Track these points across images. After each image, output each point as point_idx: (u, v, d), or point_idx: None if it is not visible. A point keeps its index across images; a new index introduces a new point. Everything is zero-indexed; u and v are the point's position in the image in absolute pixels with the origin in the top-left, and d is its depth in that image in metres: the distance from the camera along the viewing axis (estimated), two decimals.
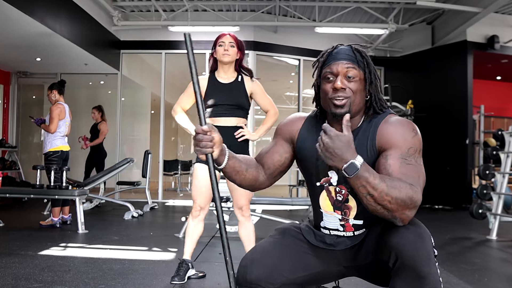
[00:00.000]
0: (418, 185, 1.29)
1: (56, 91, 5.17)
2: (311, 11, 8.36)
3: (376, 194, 1.24)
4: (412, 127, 1.40)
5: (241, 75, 2.86)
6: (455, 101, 8.15)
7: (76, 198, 4.70)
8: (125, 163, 6.39)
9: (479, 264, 3.56)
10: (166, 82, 8.79)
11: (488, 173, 5.22)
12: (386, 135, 1.40)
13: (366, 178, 1.24)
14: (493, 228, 4.78)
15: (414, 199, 1.25)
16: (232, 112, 2.77)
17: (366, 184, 1.24)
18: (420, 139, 1.40)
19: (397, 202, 1.23)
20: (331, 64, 1.44)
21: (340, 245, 1.51)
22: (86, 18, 7.08)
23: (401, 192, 1.23)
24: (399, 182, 1.26)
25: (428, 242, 1.29)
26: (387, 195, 1.23)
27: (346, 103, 1.41)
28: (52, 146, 5.03)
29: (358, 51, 1.46)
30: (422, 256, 1.25)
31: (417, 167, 1.34)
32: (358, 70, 1.43)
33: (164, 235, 4.66)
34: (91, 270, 3.03)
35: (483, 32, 8.05)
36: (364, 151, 1.42)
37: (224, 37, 2.80)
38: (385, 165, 1.35)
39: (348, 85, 1.42)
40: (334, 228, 1.53)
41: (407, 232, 1.28)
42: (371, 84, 1.46)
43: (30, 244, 3.90)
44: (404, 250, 1.26)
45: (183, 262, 2.81)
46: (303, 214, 6.61)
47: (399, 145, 1.36)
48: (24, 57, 7.61)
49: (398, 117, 1.46)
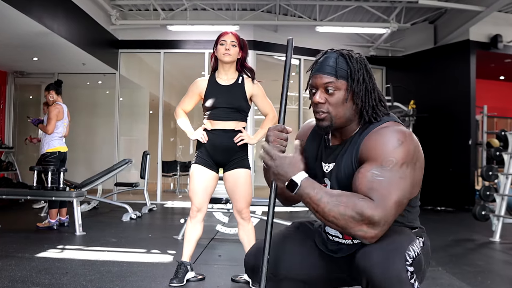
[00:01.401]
0: (382, 201, 1.22)
1: (53, 91, 5.18)
2: (312, 10, 8.36)
3: (319, 210, 1.25)
4: (398, 137, 1.30)
5: (242, 76, 2.85)
6: (458, 101, 8.15)
7: (74, 199, 4.70)
8: (123, 164, 6.39)
9: (482, 266, 3.56)
10: (165, 82, 8.80)
11: (491, 174, 5.22)
12: (367, 146, 1.34)
13: (308, 194, 1.26)
14: (496, 230, 4.79)
15: (367, 215, 1.20)
16: (231, 115, 2.77)
17: (309, 200, 1.27)
18: (408, 150, 1.29)
19: (344, 218, 1.21)
20: (313, 77, 1.43)
21: (340, 252, 1.51)
22: (84, 17, 7.08)
23: (347, 208, 1.21)
24: (349, 197, 1.24)
25: (398, 261, 1.20)
26: (330, 211, 1.23)
27: (326, 117, 1.40)
28: (50, 147, 5.04)
29: (344, 59, 1.40)
30: (392, 278, 1.19)
31: (389, 182, 1.24)
32: (338, 81, 1.38)
33: (163, 237, 4.66)
34: (89, 272, 3.04)
35: (486, 32, 8.05)
36: (350, 164, 1.40)
37: (226, 35, 2.78)
38: (355, 178, 1.31)
39: (328, 98, 1.39)
40: (335, 234, 1.53)
41: (374, 252, 1.22)
42: (357, 93, 1.39)
43: (27, 246, 3.90)
44: (372, 273, 1.21)
45: (182, 264, 2.82)
46: (304, 216, 6.61)
47: (375, 158, 1.29)
48: (21, 56, 7.61)
49: (392, 127, 1.35)
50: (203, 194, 2.79)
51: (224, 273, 3.13)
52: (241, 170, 2.78)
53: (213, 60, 2.87)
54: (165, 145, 9.76)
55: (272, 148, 1.35)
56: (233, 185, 2.80)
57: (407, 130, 1.35)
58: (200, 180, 2.78)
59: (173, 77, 10.61)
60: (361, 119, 1.44)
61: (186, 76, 11.28)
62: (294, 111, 9.34)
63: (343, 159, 1.42)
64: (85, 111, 9.83)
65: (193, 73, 10.55)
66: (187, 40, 8.69)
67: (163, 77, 8.72)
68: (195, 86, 2.89)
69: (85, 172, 8.05)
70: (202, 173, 2.79)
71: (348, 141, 1.44)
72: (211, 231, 4.69)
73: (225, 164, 2.83)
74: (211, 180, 2.82)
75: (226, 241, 4.47)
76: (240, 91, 2.80)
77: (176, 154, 12.47)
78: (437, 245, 4.27)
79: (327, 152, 1.50)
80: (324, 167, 1.49)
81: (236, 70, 2.85)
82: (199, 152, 2.83)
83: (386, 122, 1.39)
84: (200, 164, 2.80)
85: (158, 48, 8.71)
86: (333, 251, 1.52)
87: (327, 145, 1.52)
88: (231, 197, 2.85)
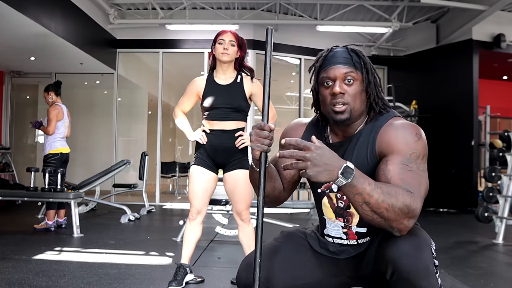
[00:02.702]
0: (418, 193, 1.25)
1: (52, 92, 5.19)
2: (313, 9, 8.37)
3: (372, 201, 1.20)
4: (415, 130, 1.35)
5: (240, 74, 2.84)
6: (460, 101, 8.16)
7: (71, 201, 4.70)
8: (122, 165, 6.40)
9: (485, 269, 3.56)
10: (164, 82, 8.80)
11: (494, 175, 5.23)
12: (386, 140, 1.36)
13: (362, 184, 1.20)
14: (499, 231, 4.79)
15: (412, 207, 1.21)
16: (230, 115, 2.76)
17: (362, 191, 1.20)
18: (424, 144, 1.34)
19: (394, 210, 1.20)
20: (328, 69, 1.42)
21: (343, 254, 1.50)
22: (82, 16, 7.09)
23: (398, 199, 1.20)
24: (396, 188, 1.22)
25: (426, 253, 1.24)
26: (383, 202, 1.19)
27: (346, 109, 1.39)
28: (52, 148, 5.04)
29: (354, 52, 1.44)
30: (419, 270, 1.21)
31: (418, 174, 1.28)
32: (356, 72, 1.41)
33: (162, 239, 4.66)
34: (87, 275, 3.04)
35: (489, 31, 8.06)
36: (364, 157, 1.40)
37: (224, 34, 2.77)
38: (384, 171, 1.30)
39: (347, 89, 1.40)
40: (337, 236, 1.51)
41: (404, 243, 1.24)
42: (369, 84, 1.43)
43: (24, 248, 3.90)
44: (400, 263, 1.21)
45: (181, 266, 2.81)
46: (304, 218, 6.61)
47: (400, 150, 1.31)
48: (18, 56, 7.62)
49: (402, 120, 1.41)
50: (203, 195, 2.79)
51: (223, 276, 3.13)
52: (241, 171, 2.78)
53: (211, 59, 2.85)
54: (164, 145, 9.77)
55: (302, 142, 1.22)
56: (232, 186, 2.80)
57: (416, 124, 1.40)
58: (200, 182, 2.78)
59: (172, 77, 10.61)
60: (367, 112, 1.47)
61: (185, 76, 11.29)
62: (294, 111, 9.35)
63: (353, 156, 1.41)
64: (83, 112, 9.82)
65: (192, 73, 10.53)
66: (186, 40, 8.70)
67: (161, 77, 8.73)
68: (193, 86, 2.88)
69: (83, 173, 8.04)
70: (201, 175, 2.79)
71: (356, 137, 1.44)
72: (210, 233, 4.69)
73: (224, 165, 2.82)
74: (210, 181, 2.82)
75: (225, 243, 4.47)
76: (239, 90, 2.79)
77: (175, 155, 12.47)
78: (439, 247, 4.25)
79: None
80: None
81: (234, 69, 2.85)
82: (198, 153, 2.83)
83: (393, 116, 1.43)
84: (200, 165, 2.80)
85: (157, 48, 8.73)
86: (335, 253, 1.51)
87: (328, 142, 1.51)
88: (230, 199, 2.85)
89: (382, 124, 1.41)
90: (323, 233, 1.57)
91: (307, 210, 6.69)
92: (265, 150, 1.34)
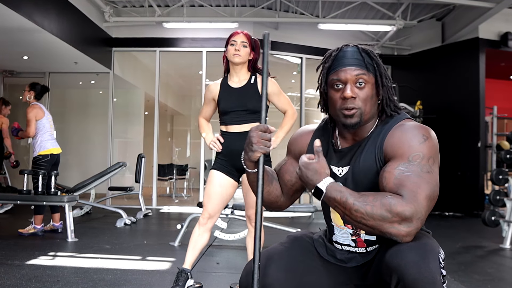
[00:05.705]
0: (410, 196, 1.22)
1: (33, 93, 5.10)
2: (314, 6, 8.38)
3: (347, 212, 1.26)
4: (422, 132, 1.34)
5: (254, 75, 2.84)
6: (467, 101, 8.17)
7: (66, 204, 4.70)
8: (117, 167, 6.40)
9: (492, 274, 3.57)
10: (161, 82, 8.81)
11: (501, 178, 5.23)
12: (392, 143, 1.36)
13: (334, 198, 1.28)
14: (506, 236, 4.79)
15: (397, 211, 1.20)
16: (246, 118, 2.75)
17: (336, 204, 1.28)
18: (433, 145, 1.32)
19: (373, 217, 1.22)
20: (339, 71, 1.40)
21: (351, 262, 1.49)
22: (76, 14, 7.10)
23: (374, 206, 1.22)
24: (376, 195, 1.24)
25: (433, 263, 1.22)
26: (357, 211, 1.24)
27: (356, 113, 1.38)
28: (42, 149, 4.95)
29: (366, 52, 1.42)
30: (425, 280, 1.19)
31: (419, 176, 1.26)
32: (368, 74, 1.40)
33: (159, 243, 4.66)
34: (81, 280, 3.04)
35: (496, 29, 8.07)
36: (372, 161, 1.40)
37: (236, 35, 2.79)
38: (381, 177, 1.32)
39: (359, 93, 1.39)
40: (346, 244, 1.51)
41: (410, 252, 1.23)
42: (383, 87, 1.42)
43: (17, 253, 3.91)
44: (405, 273, 1.21)
45: (183, 271, 2.79)
46: (305, 221, 6.62)
47: (403, 153, 1.31)
48: (10, 55, 7.63)
49: (412, 122, 1.40)
50: (217, 200, 2.77)
51: (222, 282, 3.14)
52: None
53: (225, 61, 2.87)
54: (161, 147, 9.77)
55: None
56: (246, 189, 2.80)
57: (427, 126, 1.39)
58: (217, 185, 2.76)
59: (169, 77, 10.62)
60: (378, 115, 1.46)
61: (183, 75, 11.33)
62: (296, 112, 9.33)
63: (361, 161, 1.41)
64: (78, 112, 9.85)
65: (190, 72, 10.60)
66: (183, 38, 8.71)
67: (158, 77, 8.74)
68: (208, 93, 2.90)
69: (78, 175, 8.05)
70: (220, 179, 2.78)
71: (364, 141, 1.44)
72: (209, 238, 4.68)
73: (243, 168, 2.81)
74: (227, 187, 2.79)
75: (224, 247, 4.47)
76: (254, 91, 2.78)
77: (172, 157, 12.45)
78: (445, 252, 4.24)
79: (338, 156, 1.49)
80: (338, 172, 1.48)
81: (248, 71, 2.85)
82: (217, 158, 2.84)
83: (404, 119, 1.42)
84: (218, 169, 2.79)
85: (154, 46, 8.73)
86: (343, 260, 1.50)
87: (337, 148, 1.51)
88: (245, 202, 2.85)
89: (391, 127, 1.40)
90: (331, 240, 1.56)
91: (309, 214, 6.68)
92: (267, 152, 1.38)
